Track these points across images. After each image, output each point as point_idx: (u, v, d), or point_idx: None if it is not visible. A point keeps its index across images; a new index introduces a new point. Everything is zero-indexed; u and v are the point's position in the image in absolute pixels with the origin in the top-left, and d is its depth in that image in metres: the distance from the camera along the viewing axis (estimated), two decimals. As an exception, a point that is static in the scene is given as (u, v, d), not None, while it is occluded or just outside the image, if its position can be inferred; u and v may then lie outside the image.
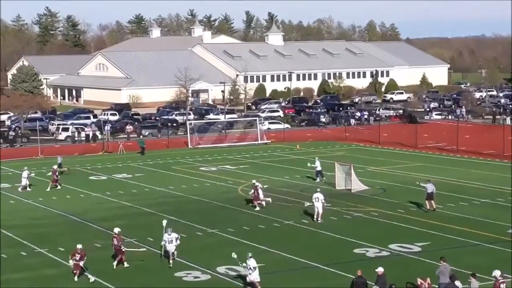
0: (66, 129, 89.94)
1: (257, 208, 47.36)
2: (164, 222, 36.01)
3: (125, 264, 34.89)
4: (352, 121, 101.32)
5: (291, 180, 58.18)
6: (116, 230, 35.50)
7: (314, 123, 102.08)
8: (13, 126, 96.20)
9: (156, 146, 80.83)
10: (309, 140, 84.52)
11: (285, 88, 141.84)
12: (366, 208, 47.00)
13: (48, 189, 55.31)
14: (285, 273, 33.96)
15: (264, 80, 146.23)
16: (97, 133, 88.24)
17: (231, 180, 58.62)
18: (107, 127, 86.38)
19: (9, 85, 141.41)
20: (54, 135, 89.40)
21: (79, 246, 33.09)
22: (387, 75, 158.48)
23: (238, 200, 50.32)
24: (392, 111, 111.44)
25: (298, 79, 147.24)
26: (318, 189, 44.45)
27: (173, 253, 35.00)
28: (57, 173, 56.65)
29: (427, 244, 38.40)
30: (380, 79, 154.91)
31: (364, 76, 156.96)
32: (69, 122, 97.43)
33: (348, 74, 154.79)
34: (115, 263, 34.62)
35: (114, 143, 79.98)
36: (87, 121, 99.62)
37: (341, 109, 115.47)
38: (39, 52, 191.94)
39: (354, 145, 79.53)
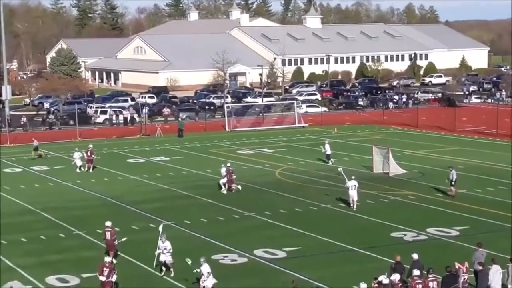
0: (104, 112, 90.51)
1: (225, 192, 47.24)
2: (161, 227, 32.27)
3: (114, 261, 31.94)
4: (390, 104, 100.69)
5: (328, 164, 57.94)
6: (108, 223, 33.68)
7: (352, 106, 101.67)
8: (52, 109, 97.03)
9: (194, 129, 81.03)
10: (347, 124, 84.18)
11: (323, 71, 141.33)
12: (403, 192, 46.73)
13: (90, 171, 55.75)
14: (322, 257, 33.90)
15: (302, 63, 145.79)
16: (135, 116, 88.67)
17: (268, 163, 58.59)
18: (145, 110, 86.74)
19: (47, 68, 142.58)
20: (93, 118, 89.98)
21: (107, 259, 29.53)
22: (426, 58, 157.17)
23: (275, 184, 50.30)
24: (430, 95, 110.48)
25: (336, 62, 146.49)
26: (353, 177, 43.72)
27: (167, 264, 31.25)
28: (89, 153, 56.94)
29: (465, 228, 38.10)
30: (418, 62, 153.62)
31: (403, 59, 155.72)
32: (107, 105, 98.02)
33: (386, 57, 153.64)
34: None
35: (152, 126, 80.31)
36: (125, 104, 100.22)
37: (379, 92, 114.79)
38: (78, 35, 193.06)
39: (392, 129, 79.07)
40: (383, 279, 26.56)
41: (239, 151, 65.73)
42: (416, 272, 26.71)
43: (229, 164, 49.10)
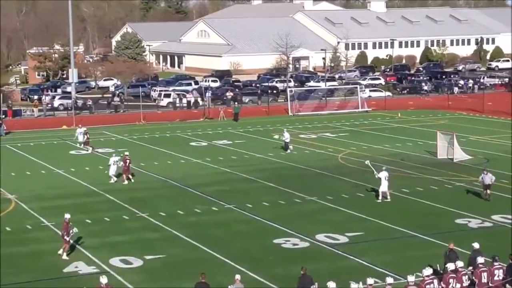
0: (168, 95, 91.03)
1: (125, 182, 46.22)
2: None
3: (60, 251, 31.95)
4: (456, 89, 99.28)
5: (392, 149, 57.47)
6: (67, 216, 32.59)
7: (416, 91, 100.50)
8: (117, 92, 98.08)
9: (256, 113, 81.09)
10: (411, 109, 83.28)
11: (387, 56, 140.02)
12: (468, 178, 46.03)
13: (89, 151, 57.62)
14: (383, 242, 33.62)
15: (365, 47, 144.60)
16: (198, 99, 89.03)
17: (330, 148, 58.32)
18: (208, 94, 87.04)
19: (113, 52, 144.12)
20: (156, 101, 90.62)
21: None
22: (493, 42, 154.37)
23: (337, 168, 50.04)
24: (497, 79, 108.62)
25: (400, 46, 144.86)
26: (384, 167, 42.26)
27: None
28: (88, 135, 58.70)
29: (532, 216, 37.38)
30: (485, 46, 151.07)
31: (469, 43, 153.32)
32: (171, 88, 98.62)
33: (452, 41, 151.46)
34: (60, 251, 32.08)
35: (214, 110, 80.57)
36: (189, 88, 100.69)
37: (444, 77, 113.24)
38: (142, 19, 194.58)
39: (457, 114, 77.96)
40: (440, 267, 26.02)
41: (302, 135, 65.55)
42: (480, 259, 26.26)
43: (127, 153, 48.35)
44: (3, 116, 72.63)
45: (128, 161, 46.90)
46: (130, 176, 46.95)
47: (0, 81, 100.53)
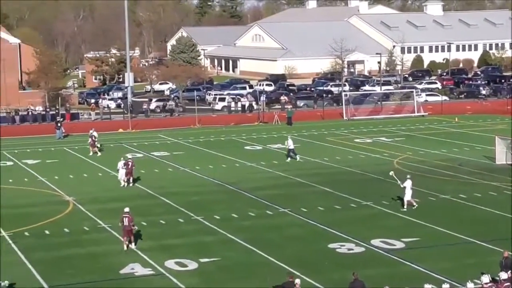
0: (222, 99, 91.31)
1: (122, 184, 46.57)
2: None
3: (132, 246, 33.60)
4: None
5: (449, 154, 56.80)
6: (127, 209, 33.90)
7: (473, 95, 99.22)
8: (172, 96, 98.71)
9: (311, 117, 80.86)
10: (468, 113, 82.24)
11: (443, 60, 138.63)
12: (527, 184, 45.25)
13: (91, 154, 58.14)
14: (440, 248, 33.20)
15: (421, 51, 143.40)
16: (253, 103, 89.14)
17: (386, 152, 57.86)
18: (263, 98, 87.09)
19: (168, 56, 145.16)
20: (211, 105, 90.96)
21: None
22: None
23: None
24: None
25: (457, 50, 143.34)
26: (408, 176, 41.24)
27: None
28: (94, 137, 59.01)
29: None
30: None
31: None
32: (226, 92, 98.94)
33: (511, 44, 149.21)
34: (125, 245, 33.55)
35: (269, 114, 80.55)
36: (243, 92, 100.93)
37: (503, 81, 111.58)
38: (197, 23, 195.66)
39: (515, 119, 76.79)
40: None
41: (357, 139, 65.17)
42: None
43: (130, 156, 48.40)
44: (62, 119, 73.56)
45: (130, 163, 47.17)
46: (130, 180, 47.04)
47: (58, 84, 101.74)
